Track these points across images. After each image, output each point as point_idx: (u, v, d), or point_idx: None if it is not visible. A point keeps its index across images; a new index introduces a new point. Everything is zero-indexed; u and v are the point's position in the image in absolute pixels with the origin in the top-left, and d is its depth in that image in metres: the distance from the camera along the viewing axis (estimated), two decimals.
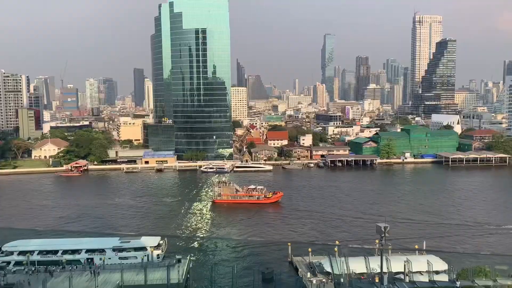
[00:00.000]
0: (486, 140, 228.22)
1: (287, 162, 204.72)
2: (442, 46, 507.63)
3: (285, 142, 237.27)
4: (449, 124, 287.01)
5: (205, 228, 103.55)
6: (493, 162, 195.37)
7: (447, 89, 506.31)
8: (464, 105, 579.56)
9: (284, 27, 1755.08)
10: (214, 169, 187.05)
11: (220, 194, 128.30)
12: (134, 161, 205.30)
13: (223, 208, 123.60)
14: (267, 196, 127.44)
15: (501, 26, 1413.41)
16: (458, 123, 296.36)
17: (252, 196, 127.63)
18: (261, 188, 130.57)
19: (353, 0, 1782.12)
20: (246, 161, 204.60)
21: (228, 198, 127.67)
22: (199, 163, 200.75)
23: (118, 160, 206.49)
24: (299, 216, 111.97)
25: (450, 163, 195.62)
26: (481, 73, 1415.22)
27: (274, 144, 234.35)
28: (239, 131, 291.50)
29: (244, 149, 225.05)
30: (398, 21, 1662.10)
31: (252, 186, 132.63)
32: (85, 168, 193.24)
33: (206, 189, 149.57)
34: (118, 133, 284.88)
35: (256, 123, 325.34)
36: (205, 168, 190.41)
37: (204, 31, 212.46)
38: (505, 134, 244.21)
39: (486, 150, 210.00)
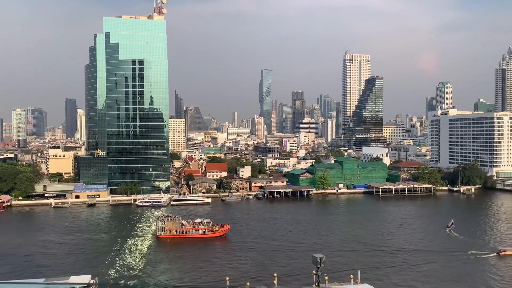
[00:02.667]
0: (412, 171, 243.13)
1: (226, 194, 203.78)
2: (370, 83, 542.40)
3: (224, 174, 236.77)
4: (379, 156, 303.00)
5: (141, 265, 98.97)
6: (419, 192, 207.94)
7: (376, 123, 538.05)
8: (392, 138, 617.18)
9: (223, 60, 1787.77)
10: (150, 203, 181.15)
11: (164, 228, 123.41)
12: (64, 196, 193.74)
13: (166, 243, 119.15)
14: (214, 230, 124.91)
15: (421, 65, 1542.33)
16: (386, 155, 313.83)
17: (198, 230, 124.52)
18: (208, 222, 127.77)
19: (288, 37, 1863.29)
20: (184, 194, 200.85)
21: (173, 233, 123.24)
22: (134, 196, 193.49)
23: (46, 195, 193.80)
24: (241, 249, 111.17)
25: (380, 193, 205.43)
26: (406, 109, 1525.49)
27: (213, 176, 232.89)
28: (177, 163, 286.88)
29: (182, 182, 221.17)
30: (331, 59, 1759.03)
31: (198, 220, 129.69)
32: (8, 204, 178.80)
33: (142, 224, 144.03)
34: (46, 166, 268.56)
35: (194, 155, 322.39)
36: (140, 202, 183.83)
37: (141, 62, 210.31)
38: (429, 165, 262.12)
39: (412, 180, 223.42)
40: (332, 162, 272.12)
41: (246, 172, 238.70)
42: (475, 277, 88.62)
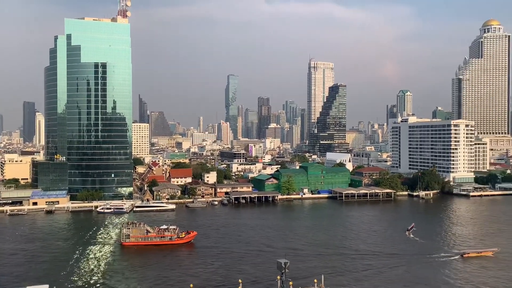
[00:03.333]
0: (374, 177, 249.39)
1: (191, 200, 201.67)
2: (334, 90, 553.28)
3: (189, 179, 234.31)
4: (342, 161, 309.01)
5: (103, 273, 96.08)
6: (381, 197, 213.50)
7: (339, 130, 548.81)
8: (355, 144, 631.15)
9: (189, 64, 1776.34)
10: (112, 210, 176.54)
11: (128, 235, 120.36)
12: (20, 203, 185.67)
13: (130, 251, 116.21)
14: (180, 236, 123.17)
15: (382, 74, 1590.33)
16: (349, 161, 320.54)
17: (164, 237, 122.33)
18: (174, 228, 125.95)
19: (256, 43, 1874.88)
20: (147, 200, 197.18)
21: (138, 240, 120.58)
22: (95, 203, 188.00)
23: (1, 201, 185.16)
24: (207, 256, 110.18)
25: (343, 198, 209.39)
26: (368, 116, 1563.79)
27: (177, 182, 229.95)
28: (140, 169, 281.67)
29: (145, 188, 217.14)
30: (296, 65, 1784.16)
31: (164, 226, 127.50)
32: None
33: (104, 231, 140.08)
34: (2, 171, 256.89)
35: (158, 161, 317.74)
36: (102, 208, 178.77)
37: (104, 65, 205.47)
38: (390, 171, 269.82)
39: (374, 186, 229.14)
40: (297, 167, 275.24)
41: (211, 177, 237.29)
42: (439, 280, 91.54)
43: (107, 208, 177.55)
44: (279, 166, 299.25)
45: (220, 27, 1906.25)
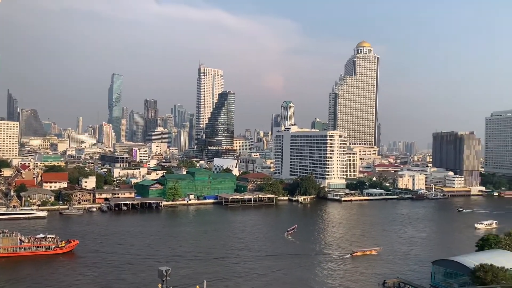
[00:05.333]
0: (258, 182, 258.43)
1: (66, 207, 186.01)
2: (223, 97, 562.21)
3: (64, 184, 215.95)
4: (229, 167, 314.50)
5: None
6: (264, 202, 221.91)
7: (227, 136, 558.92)
8: (241, 150, 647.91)
9: (68, 60, 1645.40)
10: None
11: None
12: None
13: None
14: (60, 246, 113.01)
15: (269, 84, 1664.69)
16: (236, 166, 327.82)
17: (41, 246, 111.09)
18: (52, 237, 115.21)
19: (143, 43, 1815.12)
20: (14, 206, 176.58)
21: (9, 251, 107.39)
22: None
23: None
24: (85, 266, 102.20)
25: (229, 203, 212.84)
26: (255, 123, 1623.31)
27: (50, 187, 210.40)
28: (7, 172, 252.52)
29: (12, 193, 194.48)
30: (186, 70, 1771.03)
31: (41, 235, 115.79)
32: None
33: None
34: None
35: (29, 163, 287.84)
36: None
37: None
38: (273, 177, 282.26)
39: (258, 191, 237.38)
40: (184, 173, 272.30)
41: (90, 182, 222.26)
42: (315, 279, 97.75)
43: None
44: (165, 171, 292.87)
45: (105, 23, 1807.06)
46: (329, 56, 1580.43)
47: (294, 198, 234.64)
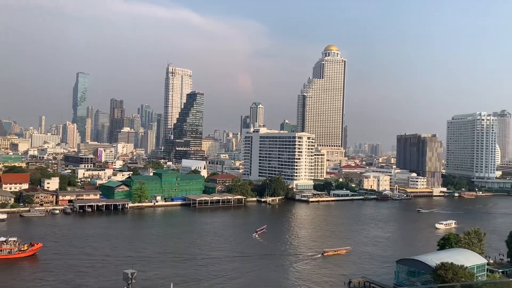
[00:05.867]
0: (227, 184, 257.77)
1: (27, 209, 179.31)
2: (191, 97, 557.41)
3: (25, 186, 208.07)
4: (197, 168, 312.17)
5: None
6: (232, 203, 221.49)
7: (196, 137, 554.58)
8: (210, 152, 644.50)
9: (30, 58, 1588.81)
10: None
11: None
12: None
13: None
14: (22, 249, 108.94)
15: (238, 85, 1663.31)
16: (204, 168, 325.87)
17: (2, 250, 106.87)
18: (14, 240, 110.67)
19: (109, 41, 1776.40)
20: None
21: None
22: None
23: None
24: (47, 269, 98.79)
25: (197, 205, 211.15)
26: (224, 125, 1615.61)
27: (10, 188, 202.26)
28: None
29: None
30: (153, 69, 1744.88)
31: (3, 238, 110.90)
32: None
33: None
34: None
35: None
36: None
37: None
38: (242, 178, 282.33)
39: (227, 192, 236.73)
40: (151, 174, 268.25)
41: (52, 184, 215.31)
42: (298, 277, 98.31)
43: None
44: (132, 172, 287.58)
45: (70, 20, 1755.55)
46: (298, 59, 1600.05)
47: (262, 199, 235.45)
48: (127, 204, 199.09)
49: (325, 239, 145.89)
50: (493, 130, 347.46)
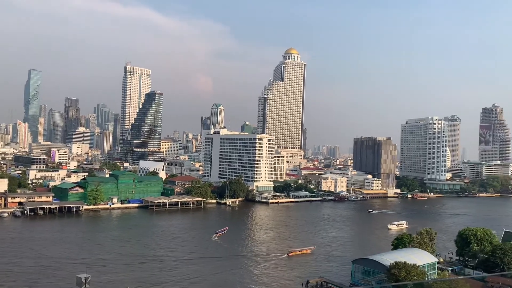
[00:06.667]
0: (186, 185, 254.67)
1: None
2: (150, 97, 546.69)
3: None
4: (155, 170, 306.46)
5: None
6: (191, 205, 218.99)
7: (154, 138, 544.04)
8: (169, 153, 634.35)
9: None
10: None
11: None
12: None
13: None
14: None
15: (198, 86, 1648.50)
16: (163, 169, 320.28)
17: None
18: None
19: (64, 38, 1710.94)
20: None
21: None
22: None
23: None
24: None
25: (155, 207, 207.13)
26: (184, 125, 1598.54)
27: None
28: None
29: None
30: (111, 68, 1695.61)
31: None
32: None
33: None
34: None
35: None
36: None
37: None
38: (201, 180, 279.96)
39: (186, 194, 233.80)
40: (107, 175, 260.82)
41: (1, 185, 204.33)
42: (257, 279, 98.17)
43: None
44: (87, 173, 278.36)
45: (20, 14, 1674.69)
46: (258, 61, 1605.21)
47: (222, 201, 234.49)
48: (82, 206, 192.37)
49: (285, 240, 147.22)
50: (444, 134, 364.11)
